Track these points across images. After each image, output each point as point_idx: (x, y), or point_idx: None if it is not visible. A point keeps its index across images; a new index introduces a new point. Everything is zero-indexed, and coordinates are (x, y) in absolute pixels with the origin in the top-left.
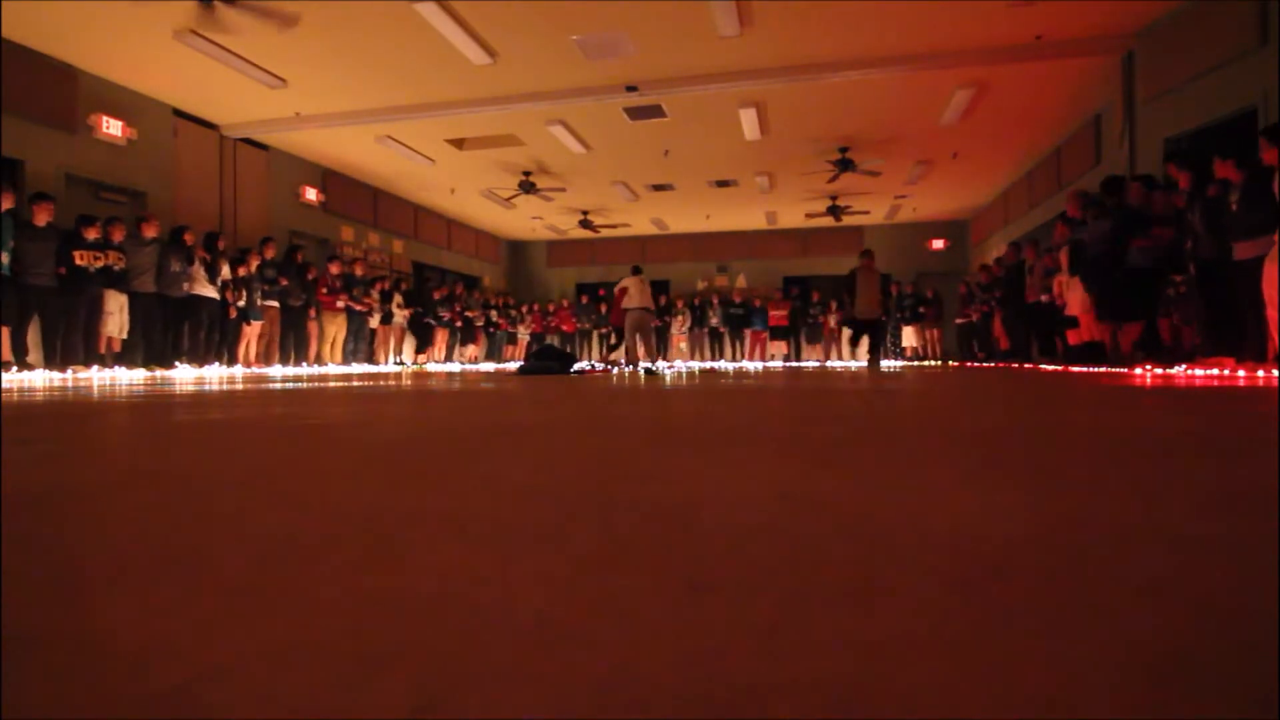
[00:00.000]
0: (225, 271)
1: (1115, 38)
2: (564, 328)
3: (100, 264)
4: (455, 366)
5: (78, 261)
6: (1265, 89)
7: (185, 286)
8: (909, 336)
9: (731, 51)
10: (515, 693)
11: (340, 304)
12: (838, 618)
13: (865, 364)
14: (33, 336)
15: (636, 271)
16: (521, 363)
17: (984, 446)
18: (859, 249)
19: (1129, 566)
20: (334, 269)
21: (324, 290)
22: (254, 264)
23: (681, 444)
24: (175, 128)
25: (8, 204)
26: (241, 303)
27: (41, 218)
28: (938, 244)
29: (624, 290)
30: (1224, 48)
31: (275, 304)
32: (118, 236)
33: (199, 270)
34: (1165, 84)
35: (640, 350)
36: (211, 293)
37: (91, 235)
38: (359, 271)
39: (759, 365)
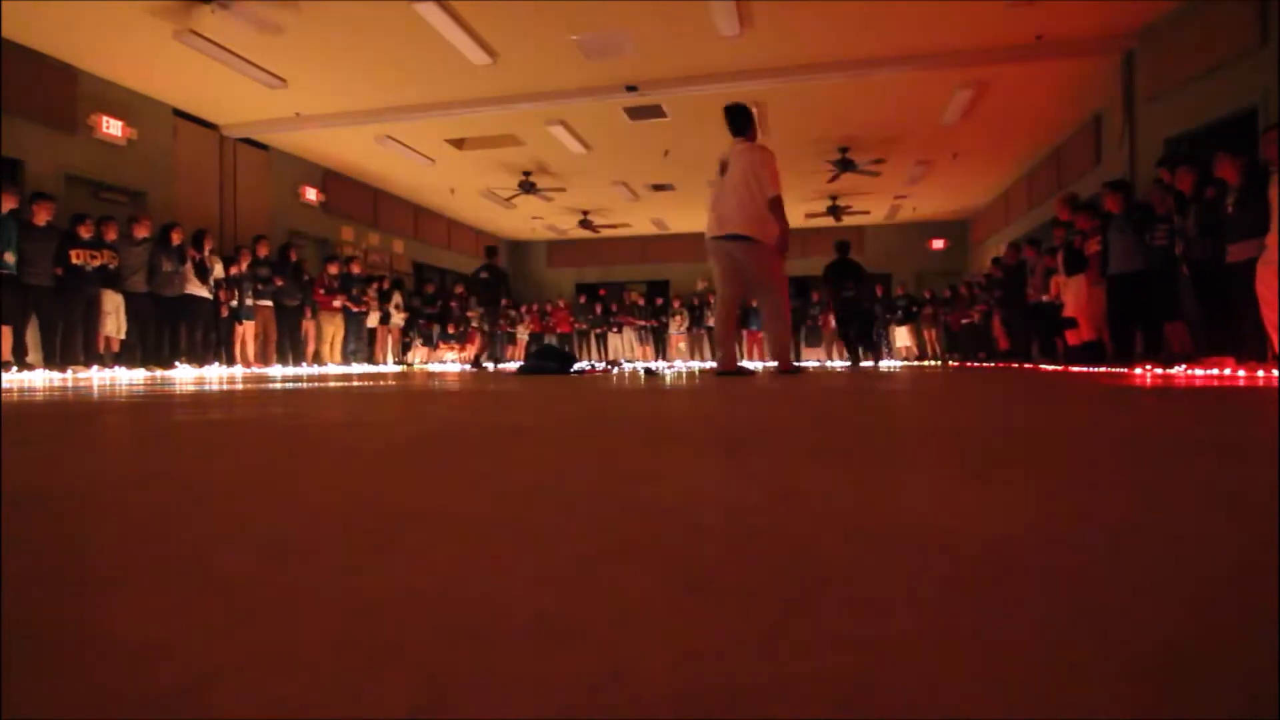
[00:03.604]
0: (218, 270)
1: (1115, 38)
2: (560, 328)
3: (96, 263)
4: (454, 366)
5: (74, 261)
6: (1265, 89)
7: (178, 285)
8: (903, 337)
9: (731, 51)
10: (515, 693)
11: (337, 304)
12: (838, 618)
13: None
14: (31, 336)
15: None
16: (521, 363)
17: (984, 446)
18: (859, 249)
19: (1129, 566)
20: (332, 269)
21: (321, 290)
22: (244, 263)
23: (681, 443)
24: (175, 128)
25: (10, 204)
26: (234, 302)
27: (41, 217)
28: (938, 244)
29: None
30: (1224, 48)
31: (269, 303)
32: (111, 235)
33: (189, 269)
34: (1165, 84)
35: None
36: (204, 292)
37: (85, 234)
38: (356, 270)
39: (758, 365)
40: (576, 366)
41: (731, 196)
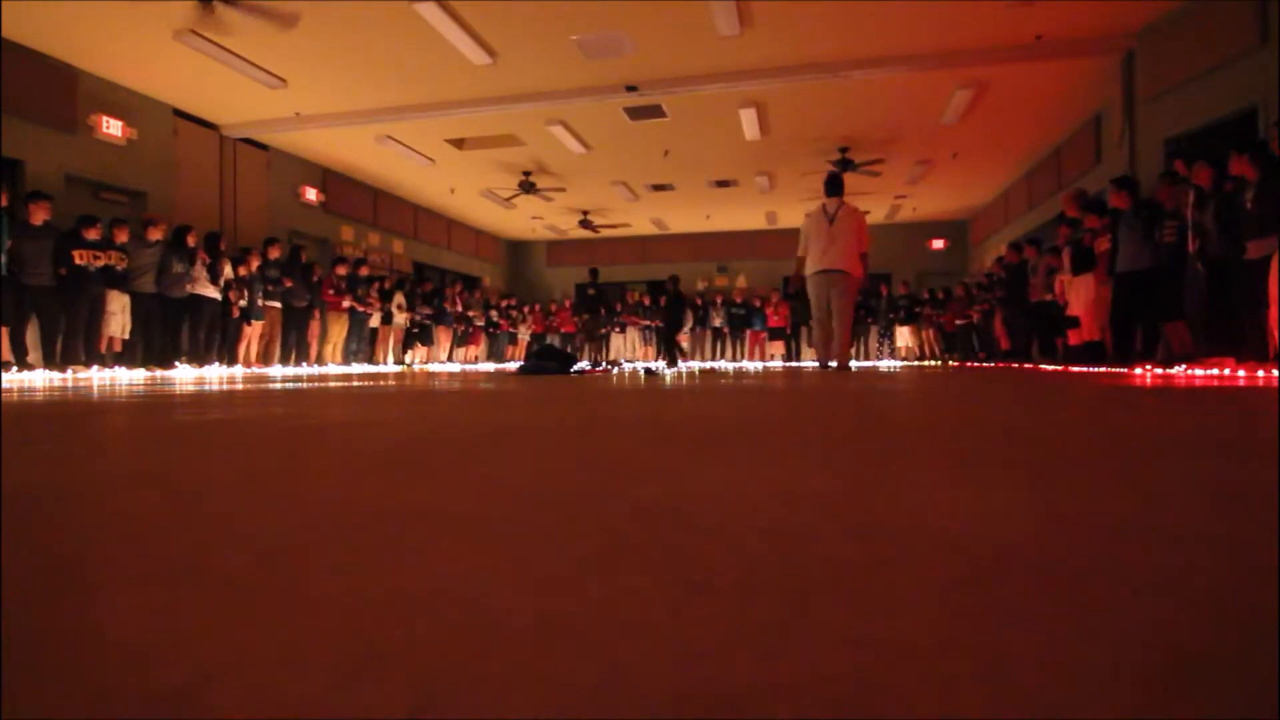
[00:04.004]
0: (228, 271)
1: (1115, 38)
2: (564, 329)
3: (100, 263)
4: (455, 366)
5: (77, 261)
6: (1265, 89)
7: (187, 287)
8: (904, 336)
9: (731, 51)
10: (515, 693)
11: (346, 304)
12: (838, 618)
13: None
14: (31, 336)
15: (833, 189)
16: (521, 363)
17: (984, 446)
18: None
19: (1129, 566)
20: (340, 270)
21: (330, 291)
22: (254, 264)
23: (681, 443)
24: (175, 128)
25: (1, 202)
26: (243, 302)
27: (38, 216)
28: (938, 244)
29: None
30: (1224, 48)
31: (277, 304)
32: (122, 237)
33: (200, 271)
34: (1165, 84)
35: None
36: (213, 293)
37: (91, 235)
38: (364, 272)
39: (759, 365)
40: (576, 367)
41: (840, 241)
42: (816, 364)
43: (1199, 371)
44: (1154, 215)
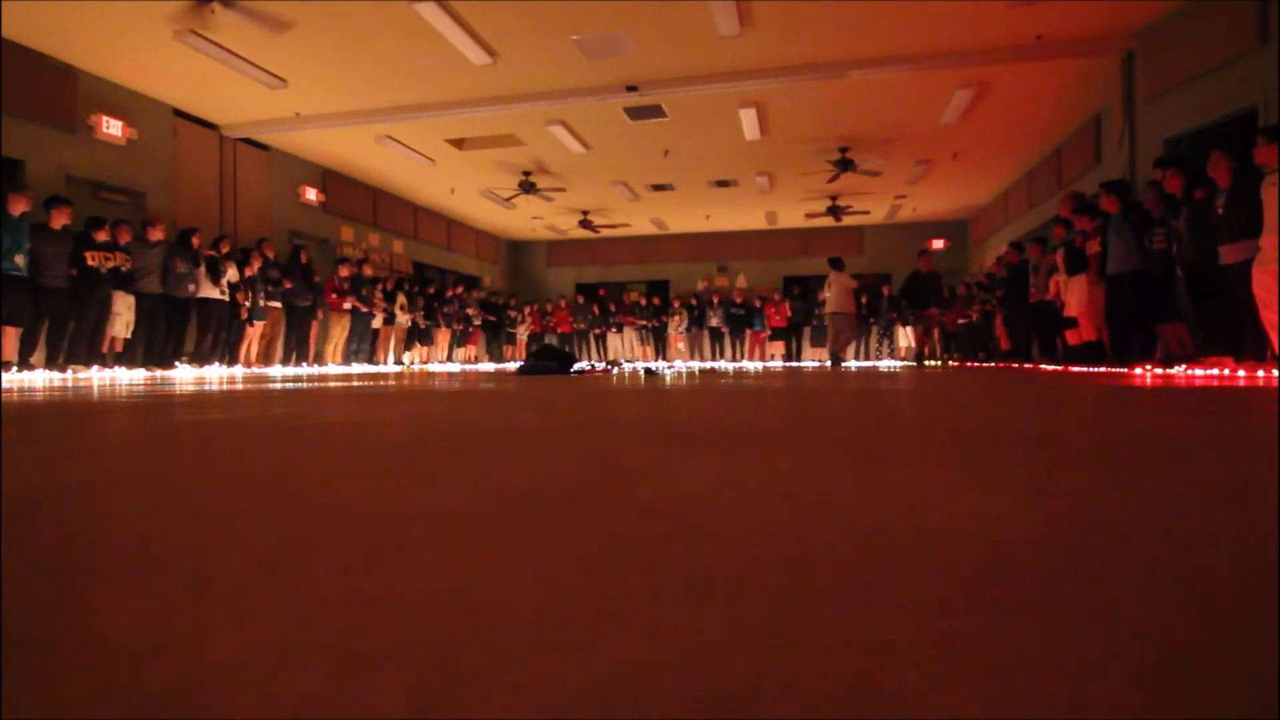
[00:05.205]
0: (232, 273)
1: (1115, 38)
2: (560, 328)
3: (110, 265)
4: (454, 366)
5: (89, 262)
6: (1265, 89)
7: (191, 288)
8: (905, 336)
9: (731, 51)
10: (515, 693)
11: (347, 305)
12: (838, 618)
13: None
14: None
15: (835, 266)
16: (521, 363)
17: (984, 446)
18: (859, 249)
19: (1129, 566)
20: (343, 272)
21: (332, 294)
22: (256, 265)
23: (681, 444)
24: (175, 128)
25: (23, 207)
26: (249, 303)
27: (58, 221)
28: (938, 244)
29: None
30: (1224, 48)
31: (278, 304)
32: (124, 238)
33: (204, 272)
34: (1165, 84)
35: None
36: (216, 294)
37: (101, 237)
38: (367, 272)
39: (759, 365)
40: (576, 367)
41: (843, 296)
42: (819, 361)
43: (1198, 372)
44: (1143, 221)
